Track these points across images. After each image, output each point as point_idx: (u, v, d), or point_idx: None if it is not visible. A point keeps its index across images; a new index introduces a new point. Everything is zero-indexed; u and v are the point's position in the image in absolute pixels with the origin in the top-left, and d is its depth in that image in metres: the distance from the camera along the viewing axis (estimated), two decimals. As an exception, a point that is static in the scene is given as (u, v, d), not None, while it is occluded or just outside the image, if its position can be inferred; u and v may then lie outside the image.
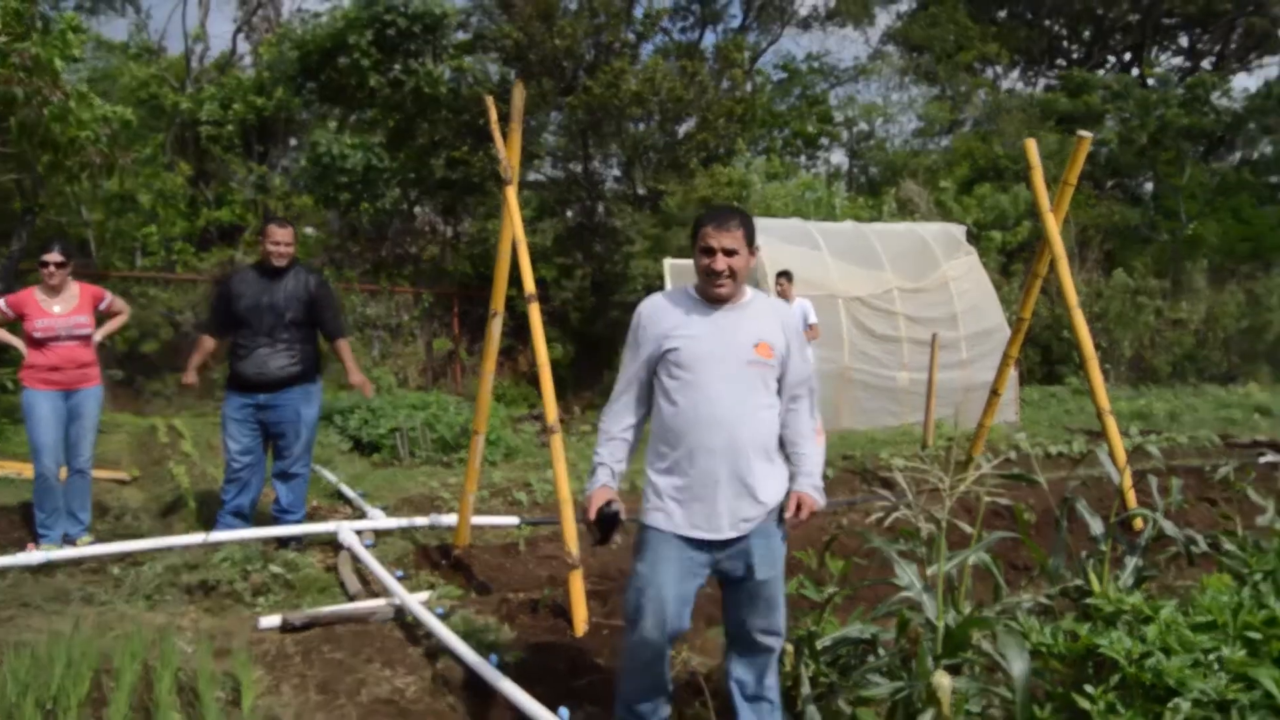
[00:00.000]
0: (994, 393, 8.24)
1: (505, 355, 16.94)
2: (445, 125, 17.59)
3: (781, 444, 3.52)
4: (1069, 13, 30.80)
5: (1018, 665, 3.12)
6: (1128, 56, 31.59)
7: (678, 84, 17.53)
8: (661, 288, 14.27)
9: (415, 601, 5.21)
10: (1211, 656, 3.13)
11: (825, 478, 9.72)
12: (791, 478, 3.52)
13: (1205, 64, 30.68)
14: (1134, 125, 25.60)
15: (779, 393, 3.50)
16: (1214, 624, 3.33)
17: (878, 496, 8.51)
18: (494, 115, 6.21)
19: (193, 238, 17.43)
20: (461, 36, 19.25)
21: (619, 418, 3.50)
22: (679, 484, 3.36)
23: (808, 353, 3.59)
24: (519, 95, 5.98)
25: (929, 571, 3.54)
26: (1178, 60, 31.66)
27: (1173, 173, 26.19)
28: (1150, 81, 28.65)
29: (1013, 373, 13.00)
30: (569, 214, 19.37)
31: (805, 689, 3.68)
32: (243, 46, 21.43)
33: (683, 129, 18.58)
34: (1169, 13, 29.66)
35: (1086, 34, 32.27)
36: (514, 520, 7.48)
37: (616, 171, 19.45)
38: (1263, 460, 9.80)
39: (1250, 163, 28.65)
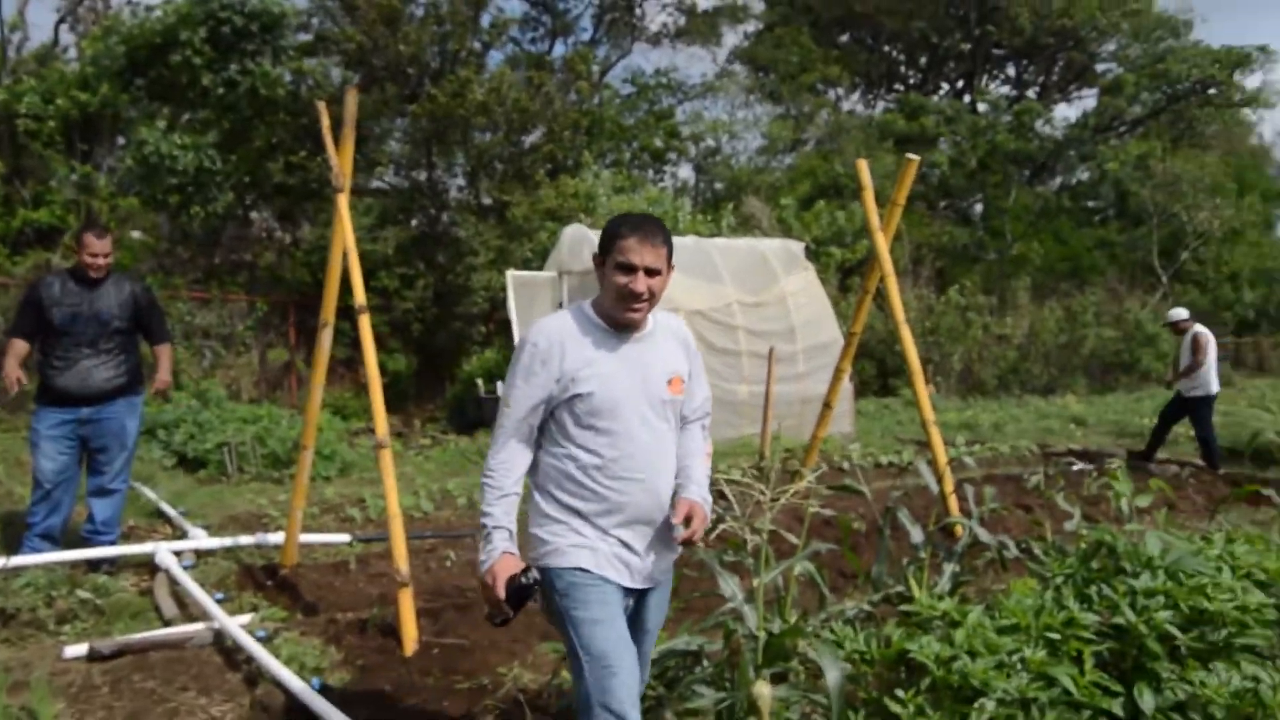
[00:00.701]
0: (826, 405, 8.42)
1: (346, 366, 16.50)
2: (283, 128, 17.06)
3: None
4: (907, 40, 32.09)
5: (832, 673, 3.21)
6: (960, 83, 33.12)
7: (524, 95, 17.47)
8: (504, 300, 14.29)
9: (235, 625, 4.99)
10: (1015, 657, 3.23)
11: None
12: (679, 488, 3.13)
13: (1031, 93, 32.42)
14: (965, 149, 26.83)
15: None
16: (1018, 626, 3.45)
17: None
18: (326, 121, 6.07)
19: (7, 239, 16.38)
20: (303, 38, 18.73)
21: (509, 468, 2.90)
22: (596, 531, 2.90)
23: (702, 371, 3.26)
24: (351, 101, 5.87)
25: (755, 582, 3.56)
26: (1006, 89, 33.42)
27: (1000, 195, 27.58)
28: (981, 108, 30.09)
29: (848, 385, 13.48)
30: (413, 223, 19.02)
31: (633, 703, 3.65)
32: (66, 38, 20.34)
33: (529, 140, 18.51)
34: (998, 44, 31.24)
35: (923, 60, 33.72)
36: (345, 538, 7.28)
37: (461, 181, 19.23)
38: (1074, 468, 10.31)
39: (1070, 187, 30.45)
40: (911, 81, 33.43)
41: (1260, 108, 29.62)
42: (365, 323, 5.71)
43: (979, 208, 30.01)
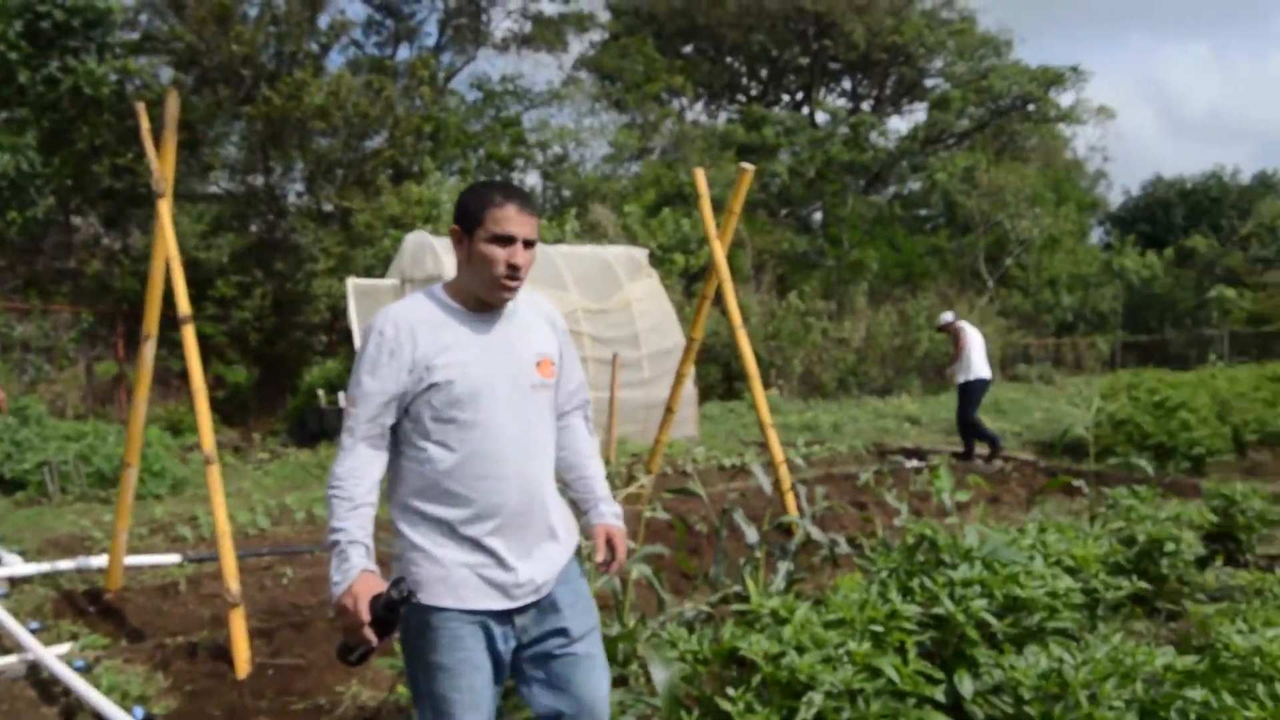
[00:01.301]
0: (669, 410, 8.50)
1: (182, 379, 15.80)
2: (109, 129, 16.28)
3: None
4: (748, 52, 32.82)
5: (660, 674, 3.28)
6: (800, 95, 34.07)
7: (364, 99, 17.14)
8: (345, 309, 13.97)
9: (51, 655, 4.74)
10: (841, 651, 3.31)
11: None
12: (582, 510, 2.90)
13: (865, 106, 33.60)
14: (804, 159, 27.60)
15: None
16: (843, 621, 3.54)
17: None
18: (145, 122, 5.87)
19: None
20: (130, 36, 17.92)
21: (360, 476, 2.51)
22: (463, 547, 2.54)
23: (574, 353, 2.92)
24: (173, 102, 5.71)
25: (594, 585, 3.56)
26: (842, 101, 34.53)
27: (838, 204, 28.49)
28: (819, 119, 31.01)
29: (691, 390, 13.70)
30: (252, 229, 18.42)
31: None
32: None
33: (370, 145, 18.17)
34: (834, 58, 32.28)
35: (763, 73, 34.55)
36: (175, 558, 7.03)
37: (300, 186, 18.74)
38: (905, 466, 10.72)
39: (902, 197, 31.67)
40: (753, 93, 34.23)
41: (1073, 124, 31.41)
42: (190, 333, 5.50)
43: (818, 216, 30.94)
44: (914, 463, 11.20)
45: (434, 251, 12.92)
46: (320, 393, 14.53)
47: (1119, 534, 5.61)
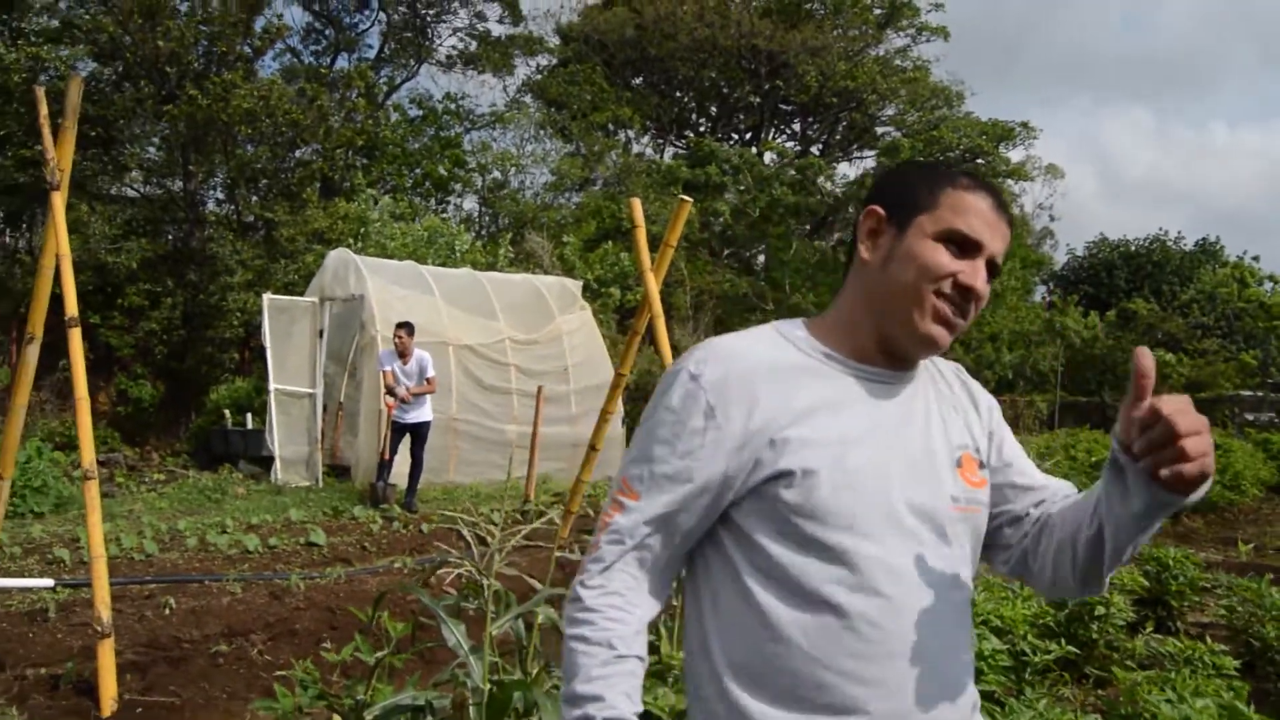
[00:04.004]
0: (592, 448, 7.93)
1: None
2: (16, 120, 15.35)
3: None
4: (699, 88, 32.66)
5: None
6: (749, 135, 33.92)
7: (296, 107, 16.39)
8: (259, 326, 13.22)
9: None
10: None
11: (422, 532, 8.96)
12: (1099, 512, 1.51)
13: (815, 150, 33.54)
14: (749, 199, 27.31)
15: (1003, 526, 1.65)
16: None
17: (446, 553, 8.04)
18: (44, 108, 5.44)
19: None
20: (50, 23, 17.01)
21: (626, 610, 1.47)
22: None
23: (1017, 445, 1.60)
24: (75, 89, 5.30)
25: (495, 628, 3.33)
26: (791, 144, 34.45)
27: (781, 247, 28.21)
28: (768, 158, 30.82)
29: (617, 429, 13.11)
30: (167, 236, 17.49)
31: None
32: None
33: (299, 155, 17.40)
34: (785, 100, 32.22)
35: (713, 109, 34.39)
36: (48, 582, 6.58)
37: (220, 194, 17.89)
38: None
39: (847, 244, 31.45)
40: (701, 129, 34.02)
41: (1021, 180, 31.61)
42: (75, 337, 5.18)
43: (760, 258, 30.67)
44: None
45: (357, 270, 12.25)
46: (227, 413, 13.76)
47: None
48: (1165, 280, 33.31)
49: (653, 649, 4.19)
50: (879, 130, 33.42)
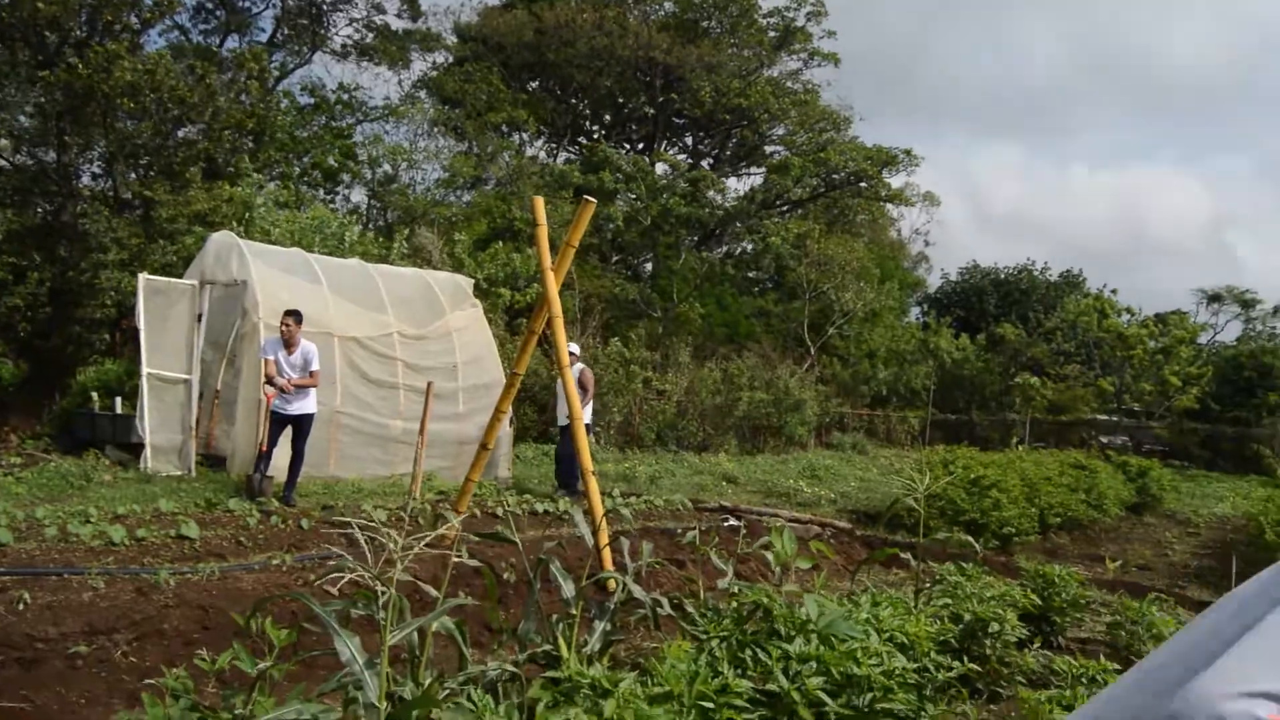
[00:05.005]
0: (483, 447, 7.95)
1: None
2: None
3: None
4: (594, 96, 32.71)
5: None
6: (641, 146, 34.12)
7: (183, 84, 15.84)
8: (133, 307, 12.66)
9: None
10: None
11: (301, 527, 8.64)
12: None
13: (706, 164, 33.93)
14: (641, 207, 27.48)
15: None
16: (671, 694, 3.27)
17: (333, 554, 7.76)
18: None
19: None
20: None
21: None
22: None
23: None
24: None
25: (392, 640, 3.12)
26: (683, 157, 34.78)
27: (670, 256, 28.47)
28: (660, 169, 31.06)
29: (507, 429, 13.03)
30: (36, 209, 16.65)
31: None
32: None
33: (183, 134, 16.81)
34: (679, 113, 32.53)
35: (607, 118, 34.49)
36: None
37: (97, 169, 17.11)
38: (726, 525, 10.33)
39: (734, 256, 31.99)
40: (596, 136, 34.09)
41: (902, 205, 32.56)
42: None
43: (649, 266, 30.88)
44: (733, 522, 10.82)
45: (241, 254, 11.90)
46: (95, 396, 13.15)
47: (945, 611, 5.62)
48: (1031, 307, 34.80)
49: (552, 660, 4.11)
50: (769, 149, 34.01)
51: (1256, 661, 1.09)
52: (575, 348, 12.19)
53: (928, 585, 6.21)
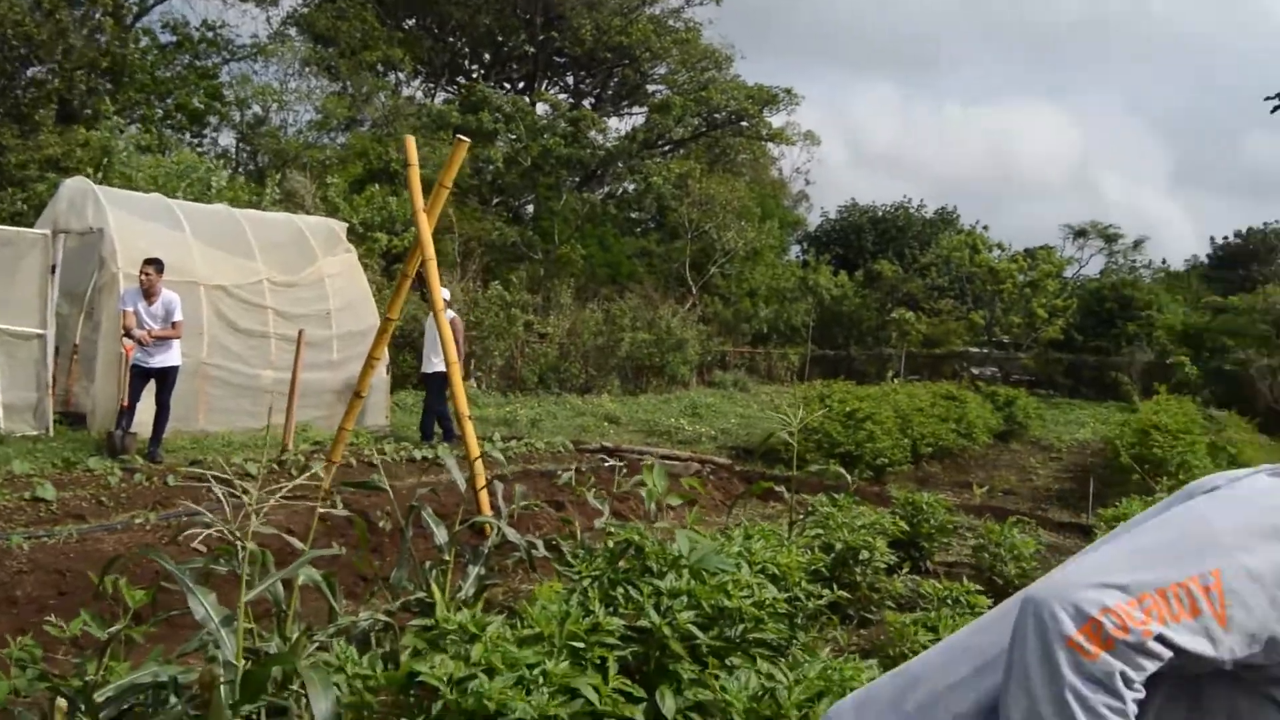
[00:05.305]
0: (357, 395, 7.78)
1: None
2: None
3: None
4: (473, 34, 32.00)
5: (321, 705, 2.74)
6: (521, 85, 33.57)
7: (29, 20, 14.95)
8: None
9: None
10: (537, 671, 2.97)
11: (167, 484, 8.32)
12: None
13: (587, 103, 33.58)
14: (521, 148, 27.11)
15: None
16: (541, 636, 3.22)
17: (193, 509, 7.54)
18: None
19: None
20: None
21: None
22: None
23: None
24: None
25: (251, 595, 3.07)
26: (564, 96, 34.34)
27: (551, 197, 28.21)
28: (540, 109, 30.64)
29: (383, 376, 12.84)
30: None
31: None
32: None
33: (32, 73, 15.89)
34: (560, 51, 32.05)
35: (486, 57, 33.80)
36: None
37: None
38: (606, 465, 10.40)
39: (616, 197, 31.88)
40: (474, 76, 33.41)
41: (782, 144, 32.76)
42: None
43: (530, 208, 30.57)
44: (612, 462, 10.90)
45: (96, 201, 11.35)
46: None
47: (817, 541, 5.73)
48: (908, 244, 35.60)
49: (426, 608, 4.07)
50: (650, 88, 33.80)
51: (1114, 557, 1.26)
52: (447, 293, 11.99)
53: (801, 517, 6.33)
